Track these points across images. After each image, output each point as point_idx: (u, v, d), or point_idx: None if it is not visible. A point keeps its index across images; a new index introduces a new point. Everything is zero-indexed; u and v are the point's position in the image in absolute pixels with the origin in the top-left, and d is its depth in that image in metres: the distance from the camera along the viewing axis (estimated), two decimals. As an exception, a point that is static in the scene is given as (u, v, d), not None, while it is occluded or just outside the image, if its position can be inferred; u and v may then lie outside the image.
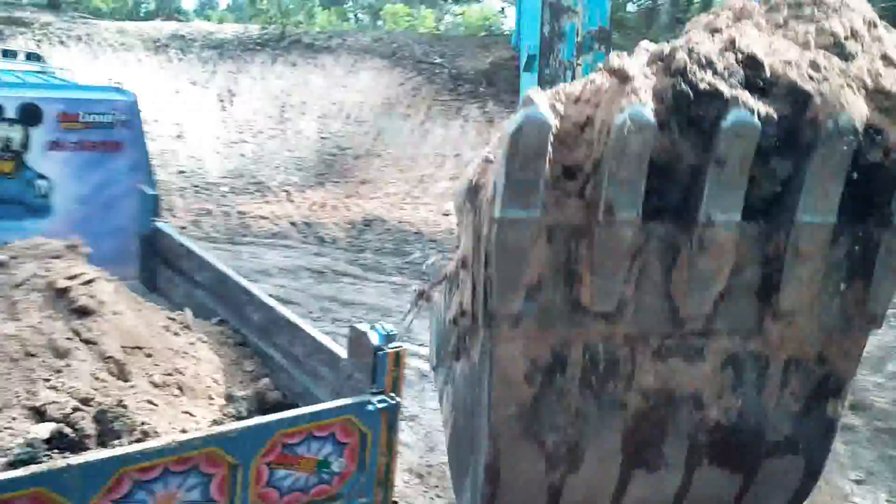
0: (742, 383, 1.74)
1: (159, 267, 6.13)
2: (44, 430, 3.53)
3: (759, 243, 1.62)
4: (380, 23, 34.56)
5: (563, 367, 1.67)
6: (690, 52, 1.63)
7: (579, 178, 1.58)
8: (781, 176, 1.59)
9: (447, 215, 14.50)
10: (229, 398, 4.32)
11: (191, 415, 4.01)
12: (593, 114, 1.60)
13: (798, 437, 1.83)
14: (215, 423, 3.98)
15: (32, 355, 3.87)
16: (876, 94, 1.63)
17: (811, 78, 1.61)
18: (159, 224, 6.15)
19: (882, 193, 1.62)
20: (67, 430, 3.55)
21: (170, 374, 4.22)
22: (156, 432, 3.71)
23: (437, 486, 5.91)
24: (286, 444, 3.34)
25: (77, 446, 3.50)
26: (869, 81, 1.64)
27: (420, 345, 8.88)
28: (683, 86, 1.55)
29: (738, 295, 1.64)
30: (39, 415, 3.62)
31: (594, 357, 1.66)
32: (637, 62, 1.67)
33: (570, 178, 1.59)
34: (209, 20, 31.19)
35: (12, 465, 3.29)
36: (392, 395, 3.58)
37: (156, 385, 4.10)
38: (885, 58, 1.70)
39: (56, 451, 3.47)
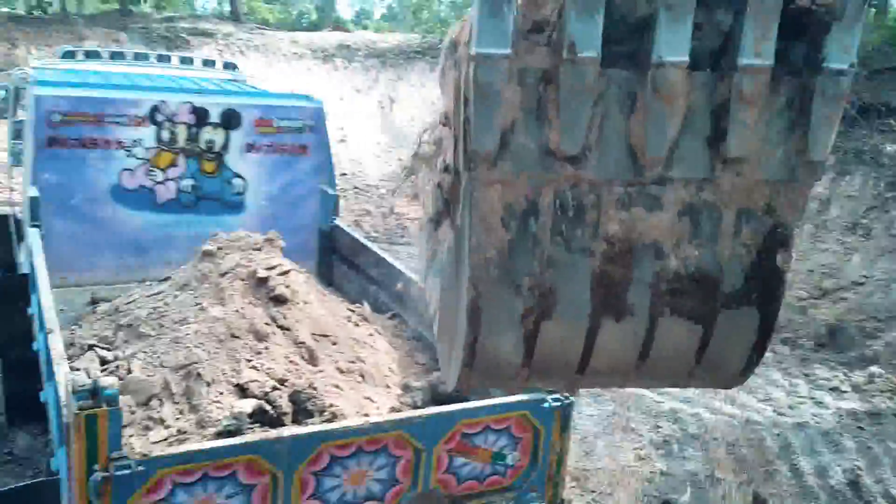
0: (698, 233, 1.81)
1: (336, 262, 6.54)
2: (247, 405, 3.90)
3: (707, 91, 1.71)
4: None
5: (536, 213, 1.75)
6: None
7: (546, 30, 1.69)
8: (724, 27, 1.69)
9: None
10: (405, 388, 4.57)
11: (371, 400, 4.29)
12: None
13: (751, 288, 1.86)
14: (394, 410, 4.23)
15: (236, 337, 4.27)
16: None
17: None
18: (337, 222, 6.56)
19: (814, 39, 1.68)
20: (267, 406, 3.90)
21: (353, 362, 4.52)
22: (343, 414, 4.01)
23: (594, 491, 5.95)
24: (466, 433, 3.53)
25: (275, 422, 3.84)
26: None
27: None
28: None
29: (691, 141, 1.73)
30: (242, 391, 4.00)
31: (563, 204, 1.76)
32: None
33: (539, 31, 1.69)
34: (366, 29, 32.44)
35: (220, 434, 3.67)
36: (566, 394, 3.69)
37: (341, 371, 4.41)
38: None
39: (257, 425, 3.84)
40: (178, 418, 3.83)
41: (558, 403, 3.66)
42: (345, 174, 16.73)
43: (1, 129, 16.26)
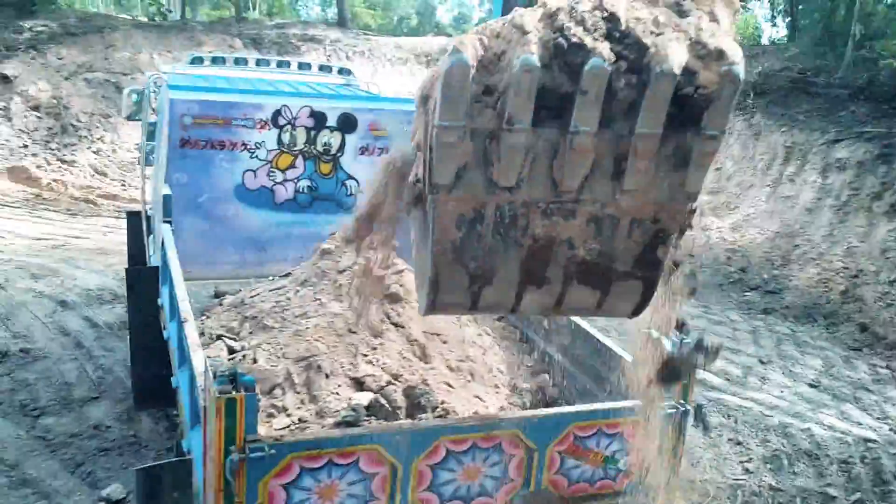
0: (601, 234, 2.52)
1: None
2: (364, 398, 4.06)
3: (612, 145, 2.36)
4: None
5: (481, 220, 2.44)
6: (571, 10, 2.32)
7: (495, 94, 2.31)
8: (627, 101, 2.30)
9: (706, 230, 14.07)
10: (513, 389, 4.64)
11: (480, 399, 4.37)
12: (507, 48, 2.31)
13: (638, 269, 2.63)
14: (502, 409, 4.31)
15: (353, 332, 4.44)
16: (696, 45, 2.29)
17: (652, 32, 2.30)
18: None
19: (695, 114, 2.32)
20: (382, 400, 4.04)
21: (462, 361, 4.62)
22: (454, 411, 4.11)
23: (700, 503, 5.85)
24: (578, 436, 3.56)
25: (390, 416, 3.98)
26: (693, 34, 2.30)
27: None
28: (561, 39, 2.27)
29: (599, 177, 2.42)
30: (359, 385, 4.16)
31: (502, 214, 2.43)
32: (533, 17, 2.32)
33: (489, 94, 2.31)
34: (466, 33, 32.63)
35: (338, 425, 3.84)
36: (682, 401, 3.67)
37: (451, 369, 4.52)
38: (711, 14, 2.39)
39: (373, 417, 3.99)
40: (298, 407, 4.01)
41: (674, 411, 3.64)
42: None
43: (126, 130, 17.28)
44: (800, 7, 22.81)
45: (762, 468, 6.47)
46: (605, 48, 2.24)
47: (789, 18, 24.67)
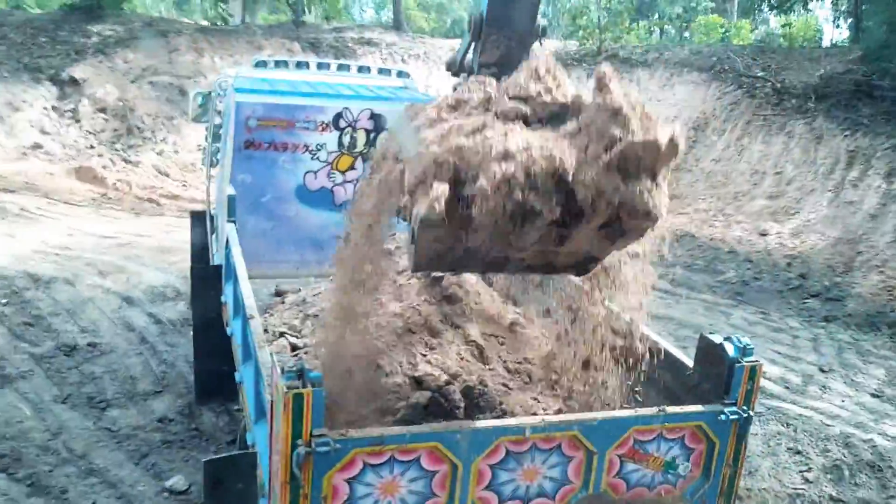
0: (546, 257, 3.26)
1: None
2: (423, 397, 4.11)
3: (559, 234, 3.06)
4: (686, 34, 33.55)
5: (458, 243, 3.08)
6: (527, 174, 2.87)
7: (467, 198, 2.89)
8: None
9: (764, 235, 13.82)
10: (570, 391, 4.64)
11: (538, 401, 4.39)
12: (478, 167, 2.89)
13: (574, 267, 3.46)
14: (559, 412, 4.31)
15: (412, 332, 4.50)
16: (626, 206, 2.95)
17: (593, 194, 2.94)
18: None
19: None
20: (441, 399, 4.09)
21: (520, 363, 4.64)
22: (512, 412, 4.14)
23: (757, 512, 5.77)
24: (638, 440, 3.55)
25: (448, 415, 4.02)
26: (628, 199, 2.90)
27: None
28: (516, 207, 2.85)
29: (545, 243, 3.08)
30: (418, 383, 4.21)
31: (473, 242, 3.05)
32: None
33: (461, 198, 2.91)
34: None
35: (398, 423, 3.89)
36: (745, 407, 3.64)
37: (509, 370, 4.55)
38: (652, 174, 2.95)
39: (431, 416, 4.03)
40: (359, 405, 4.08)
41: (736, 416, 3.61)
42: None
43: (188, 132, 17.71)
44: (864, 8, 22.19)
45: (822, 478, 6.33)
46: (554, 211, 2.89)
47: (852, 20, 24.04)
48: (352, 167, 6.52)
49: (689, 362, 4.01)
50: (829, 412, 7.58)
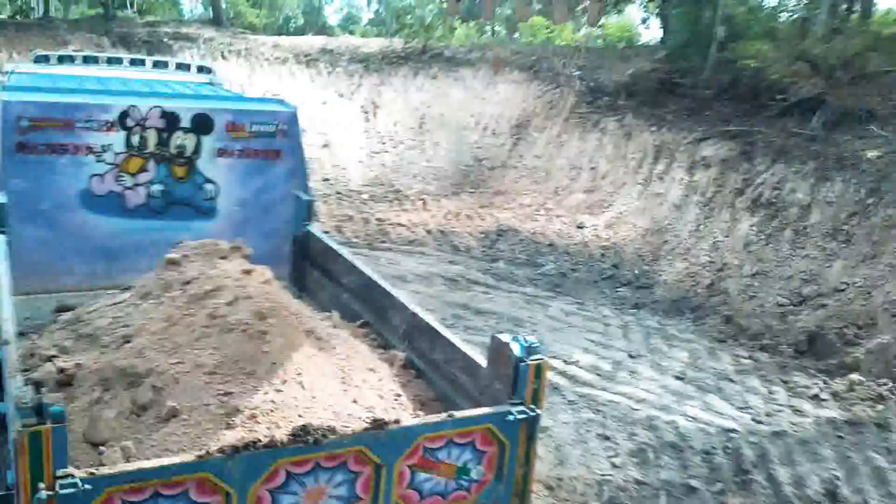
0: None
1: (309, 269, 6.46)
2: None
3: None
4: (516, 35, 34.60)
5: None
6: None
7: None
8: None
9: (581, 228, 14.39)
10: (371, 402, 4.49)
11: (337, 414, 4.20)
12: None
13: None
14: (367, 423, 4.14)
15: (196, 352, 4.16)
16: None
17: None
18: (310, 228, 6.48)
19: None
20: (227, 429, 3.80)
21: (322, 375, 4.43)
22: (308, 429, 3.92)
23: (567, 500, 5.89)
24: (428, 448, 3.45)
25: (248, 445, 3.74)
26: None
27: (551, 357, 8.88)
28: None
29: None
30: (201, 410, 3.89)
31: None
32: None
33: None
34: (353, 34, 32.31)
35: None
36: (532, 406, 3.63)
37: (304, 385, 4.31)
38: None
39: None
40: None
41: (524, 416, 3.59)
42: (327, 179, 16.66)
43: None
44: (674, 11, 23.70)
45: (628, 462, 6.59)
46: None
47: (661, 21, 25.61)
48: (143, 169, 6.05)
49: (485, 363, 3.98)
50: (636, 396, 7.93)
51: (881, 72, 14.38)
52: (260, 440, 3.15)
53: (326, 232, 13.43)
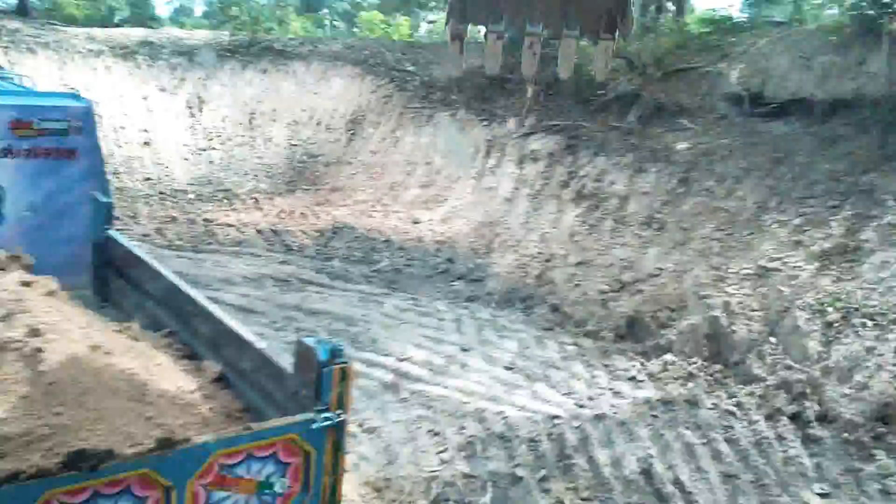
0: None
1: (111, 276, 5.99)
2: None
3: None
4: (356, 30, 34.38)
5: None
6: None
7: None
8: None
9: (417, 223, 14.42)
10: (177, 413, 4.19)
11: (128, 435, 3.88)
12: None
13: None
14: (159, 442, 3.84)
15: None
16: None
17: None
18: (111, 233, 6.00)
19: None
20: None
21: (114, 394, 4.08)
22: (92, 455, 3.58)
23: (395, 501, 5.81)
24: (224, 464, 3.23)
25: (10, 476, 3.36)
26: None
27: (384, 354, 8.80)
28: None
29: None
30: None
31: None
32: None
33: None
34: (183, 27, 30.84)
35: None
36: (338, 412, 3.48)
37: (88, 407, 3.95)
38: None
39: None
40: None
41: (329, 422, 3.45)
42: (149, 179, 15.77)
43: None
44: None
45: (457, 456, 6.62)
46: None
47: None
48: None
49: (291, 369, 3.79)
50: (467, 389, 8.00)
51: (690, 68, 15.39)
52: (24, 471, 2.82)
53: (146, 235, 12.71)
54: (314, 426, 3.41)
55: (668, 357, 8.80)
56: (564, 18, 11.53)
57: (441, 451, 6.66)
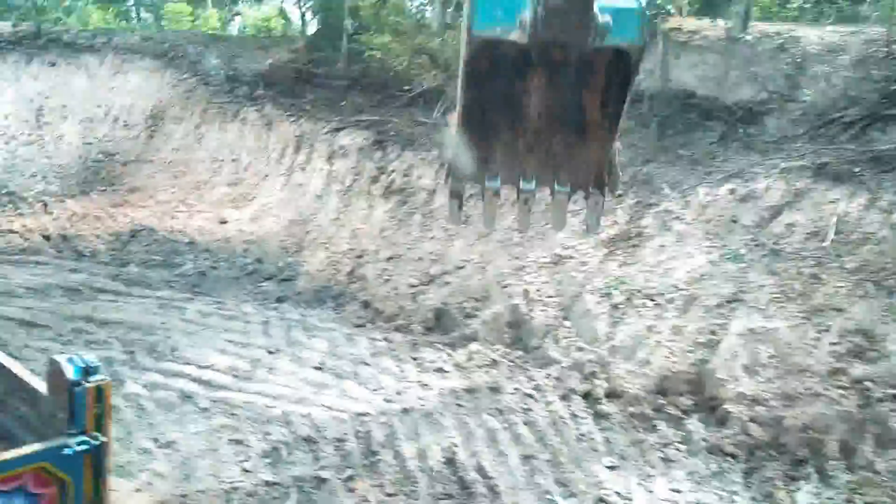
0: None
1: None
2: None
3: None
4: (164, 23, 32.56)
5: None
6: None
7: None
8: None
9: (224, 223, 13.90)
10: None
11: None
12: None
13: None
14: None
15: None
16: None
17: None
18: None
19: None
20: None
21: None
22: None
23: (189, 519, 5.55)
24: (-40, 503, 2.91)
25: None
26: None
27: (185, 363, 8.41)
28: None
29: None
30: None
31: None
32: None
33: None
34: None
35: None
36: (95, 434, 3.24)
37: None
38: None
39: None
40: None
41: (86, 447, 3.19)
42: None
43: None
44: (310, 2, 23.89)
45: (260, 464, 6.43)
46: None
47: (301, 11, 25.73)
48: None
49: (45, 390, 3.48)
50: (273, 393, 7.80)
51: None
52: None
53: None
54: (67, 452, 3.14)
55: (474, 346, 9.03)
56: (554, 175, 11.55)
57: (243, 461, 6.44)
